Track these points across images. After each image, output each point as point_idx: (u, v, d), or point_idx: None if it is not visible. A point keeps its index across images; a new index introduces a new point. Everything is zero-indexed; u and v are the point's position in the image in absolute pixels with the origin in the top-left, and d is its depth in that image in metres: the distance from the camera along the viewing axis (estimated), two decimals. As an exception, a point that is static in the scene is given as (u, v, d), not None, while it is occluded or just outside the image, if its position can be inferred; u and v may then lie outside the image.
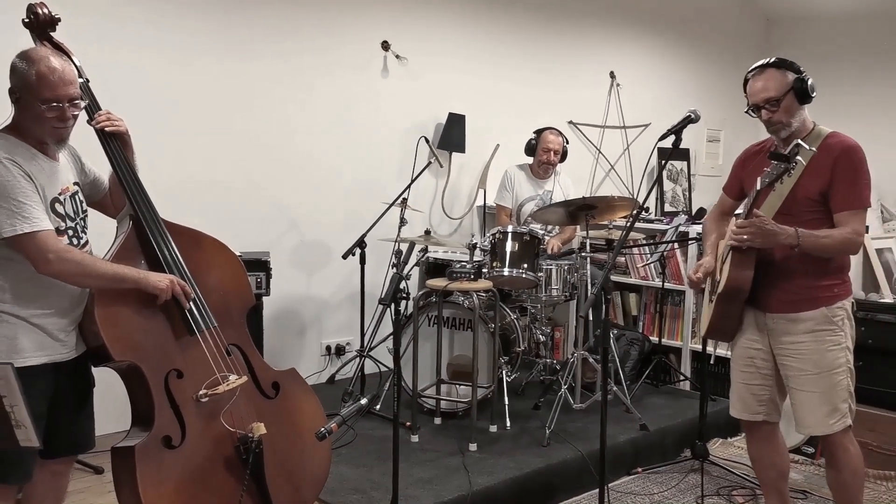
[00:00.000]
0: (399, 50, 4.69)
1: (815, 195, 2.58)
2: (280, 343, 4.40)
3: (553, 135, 4.67)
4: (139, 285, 2.29)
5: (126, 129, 2.44)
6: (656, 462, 3.75)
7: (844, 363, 2.64)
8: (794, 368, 2.67)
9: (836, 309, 2.63)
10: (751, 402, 2.80)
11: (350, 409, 2.29)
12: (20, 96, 2.17)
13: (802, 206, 2.60)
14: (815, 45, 6.80)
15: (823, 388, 2.62)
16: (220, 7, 4.03)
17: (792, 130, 2.63)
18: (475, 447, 3.49)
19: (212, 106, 4.05)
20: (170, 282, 2.33)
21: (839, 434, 2.65)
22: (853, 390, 2.69)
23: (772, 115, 2.62)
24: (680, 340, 4.77)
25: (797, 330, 2.64)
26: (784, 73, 2.62)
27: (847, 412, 2.66)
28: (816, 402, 2.64)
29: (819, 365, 2.62)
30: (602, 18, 5.84)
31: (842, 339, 2.64)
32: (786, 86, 2.60)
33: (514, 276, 3.90)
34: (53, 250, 2.15)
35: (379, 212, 4.18)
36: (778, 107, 2.60)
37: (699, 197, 6.59)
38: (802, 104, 2.62)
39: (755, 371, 2.78)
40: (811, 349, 2.62)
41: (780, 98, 2.59)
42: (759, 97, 2.63)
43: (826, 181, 2.56)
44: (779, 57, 2.68)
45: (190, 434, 2.32)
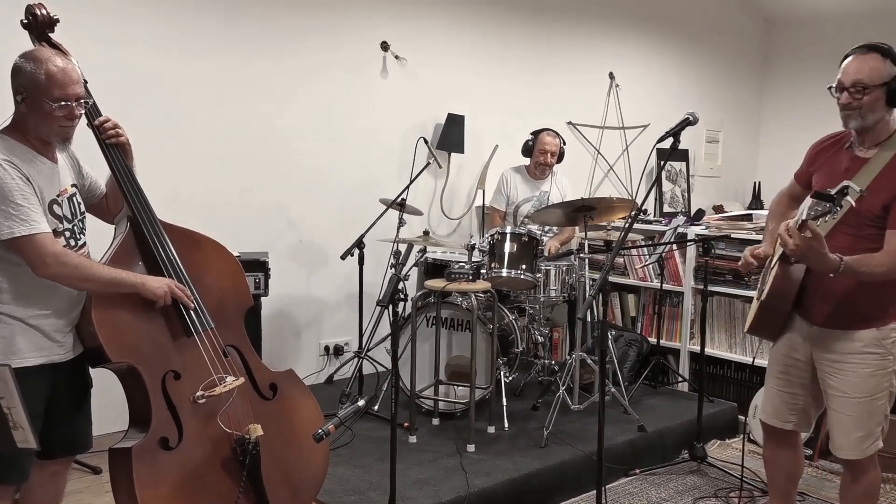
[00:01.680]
0: (398, 50, 4.69)
1: (878, 210, 2.38)
2: (278, 343, 4.40)
3: (550, 136, 4.68)
4: (136, 290, 2.29)
5: (126, 138, 2.45)
6: (654, 463, 3.75)
7: (887, 387, 2.50)
8: (834, 388, 2.54)
9: (889, 331, 2.47)
10: (782, 410, 2.71)
11: (347, 410, 2.29)
12: (27, 96, 2.18)
13: (865, 220, 2.41)
14: (814, 45, 6.81)
15: (861, 412, 2.50)
16: (218, 9, 4.03)
17: (866, 125, 2.41)
18: (473, 448, 3.50)
19: (210, 106, 4.05)
20: (167, 287, 2.33)
21: (867, 458, 2.55)
22: (888, 412, 2.55)
23: (850, 101, 2.39)
24: (678, 342, 4.77)
25: (843, 349, 2.50)
26: (886, 64, 2.37)
27: (879, 435, 2.54)
28: (851, 426, 2.51)
29: (860, 389, 2.48)
30: (601, 19, 5.84)
31: (890, 363, 2.48)
32: (882, 77, 2.36)
33: (512, 276, 3.90)
34: (51, 253, 2.15)
35: (377, 212, 4.18)
36: (863, 95, 2.36)
37: (698, 198, 6.59)
38: (891, 106, 2.40)
39: (788, 380, 2.68)
40: (855, 372, 2.48)
41: (869, 87, 2.35)
42: (849, 77, 2.39)
43: (891, 195, 2.36)
44: (889, 45, 2.41)
45: (187, 436, 2.32)
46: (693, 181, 6.58)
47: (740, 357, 4.48)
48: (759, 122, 7.26)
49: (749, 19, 7.02)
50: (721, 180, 6.94)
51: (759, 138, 7.29)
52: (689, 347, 4.70)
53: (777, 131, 7.09)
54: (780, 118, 7.05)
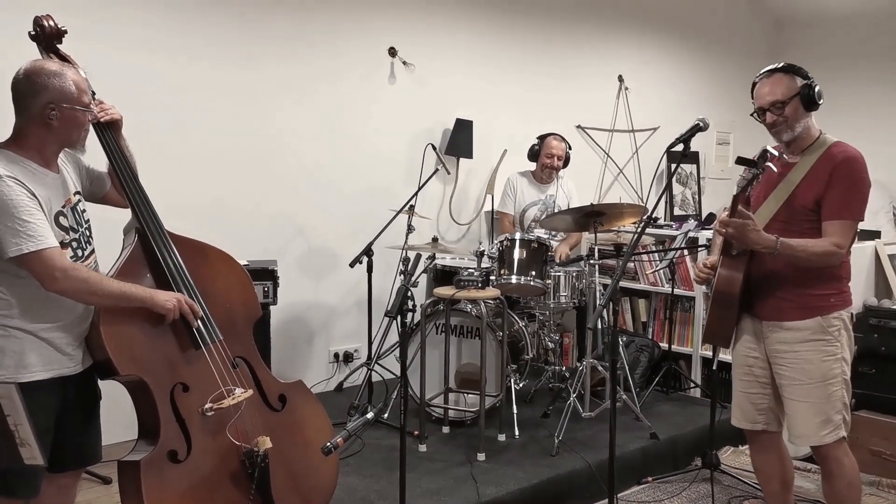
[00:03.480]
0: (406, 56, 4.68)
1: (811, 204, 2.57)
2: (288, 351, 4.39)
3: (556, 140, 4.67)
4: (146, 304, 2.29)
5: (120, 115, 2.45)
6: (666, 471, 3.72)
7: (839, 374, 2.61)
8: (787, 377, 2.65)
9: (832, 319, 2.61)
10: (750, 411, 2.79)
11: (356, 423, 2.28)
12: (61, 109, 2.19)
13: (799, 215, 2.60)
14: (824, 46, 6.75)
15: (816, 398, 2.60)
16: (226, 16, 4.03)
17: (795, 135, 2.63)
18: (483, 457, 3.47)
19: (217, 114, 4.05)
20: (177, 301, 2.33)
21: (832, 445, 2.62)
22: (849, 402, 2.66)
23: (776, 119, 2.61)
24: (690, 347, 4.73)
25: (791, 339, 2.63)
26: (792, 78, 2.62)
27: (841, 423, 2.63)
28: (809, 413, 2.62)
29: (812, 375, 2.60)
30: (610, 22, 5.81)
31: (837, 349, 2.61)
32: (793, 90, 2.60)
33: (522, 283, 3.88)
34: (60, 268, 2.14)
35: (386, 218, 4.17)
36: (783, 110, 2.60)
37: (709, 200, 6.55)
38: (809, 111, 2.62)
39: (753, 379, 2.77)
40: (804, 359, 2.60)
41: (786, 102, 2.59)
42: (765, 100, 2.63)
43: (822, 189, 2.55)
44: (787, 62, 2.69)
45: (195, 448, 2.31)
46: (704, 183, 6.54)
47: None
48: (770, 124, 7.19)
49: (758, 20, 6.98)
50: (732, 182, 6.83)
51: (769, 140, 7.20)
52: (700, 353, 4.67)
53: (788, 133, 7.02)
54: (792, 119, 6.98)
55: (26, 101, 2.19)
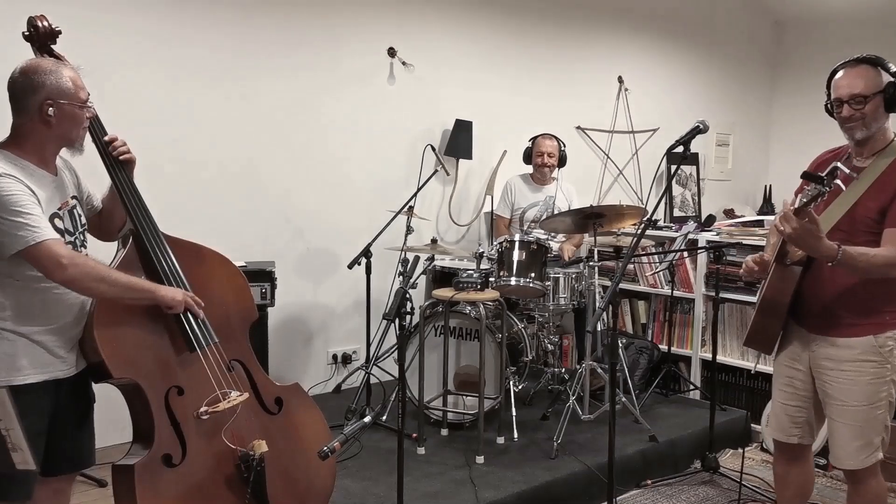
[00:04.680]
0: (406, 56, 4.66)
1: (874, 214, 2.38)
2: (286, 352, 4.36)
3: (546, 139, 4.68)
4: (152, 296, 2.26)
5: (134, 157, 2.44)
6: (666, 474, 3.70)
7: (885, 397, 2.47)
8: (831, 397, 2.52)
9: (886, 339, 2.44)
10: (786, 424, 2.68)
11: (353, 426, 2.26)
12: (59, 106, 2.17)
13: (860, 226, 2.42)
14: (824, 47, 6.72)
15: (859, 421, 2.47)
16: (225, 14, 4.00)
17: (868, 134, 2.43)
18: (482, 459, 3.45)
19: (215, 116, 4.02)
20: (183, 294, 2.31)
21: (867, 468, 2.51)
22: (889, 423, 2.52)
23: (853, 113, 2.40)
24: (689, 349, 4.71)
25: (838, 356, 2.48)
26: (879, 73, 2.40)
27: (879, 446, 2.50)
28: (849, 435, 2.49)
29: (857, 397, 2.46)
30: (610, 23, 5.79)
31: (887, 371, 2.45)
32: (878, 86, 2.39)
33: (521, 285, 3.86)
34: (66, 255, 2.12)
35: (385, 220, 4.15)
36: (863, 106, 2.38)
37: (708, 202, 6.53)
38: (889, 111, 2.42)
39: (793, 392, 2.64)
40: (851, 379, 2.46)
41: (868, 97, 2.38)
42: (845, 91, 2.41)
43: (888, 199, 2.36)
44: (876, 55, 2.44)
45: (190, 452, 2.29)
46: (703, 185, 6.52)
47: (751, 364, 4.41)
48: (770, 125, 7.19)
49: (758, 22, 6.96)
50: (732, 184, 6.88)
51: (769, 141, 7.22)
52: (700, 355, 4.64)
53: (788, 134, 7.02)
54: (791, 121, 6.98)
55: (23, 100, 2.18)
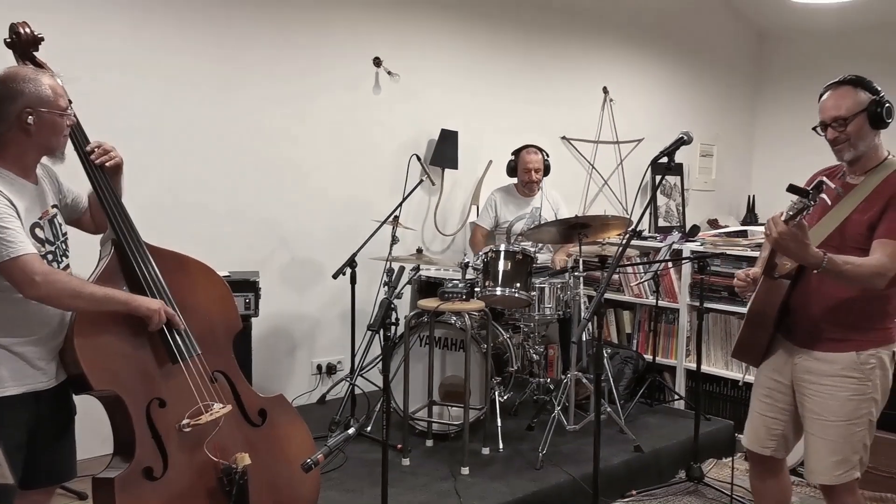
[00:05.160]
0: (391, 66, 4.66)
1: (864, 230, 2.40)
2: (269, 363, 4.33)
3: (531, 154, 4.64)
4: (129, 308, 2.24)
5: (121, 159, 2.41)
6: (651, 484, 3.70)
7: (865, 415, 2.46)
8: (809, 410, 2.52)
9: (868, 356, 2.45)
10: (762, 435, 2.68)
11: (337, 439, 2.24)
12: (38, 114, 2.15)
13: (850, 241, 2.43)
14: (805, 59, 6.81)
15: (836, 437, 2.46)
16: (212, 24, 3.99)
17: (857, 155, 2.44)
18: (467, 470, 3.44)
19: (200, 124, 4.00)
20: (160, 305, 2.28)
21: (842, 486, 2.50)
22: (869, 443, 2.50)
23: (837, 136, 2.44)
24: (674, 359, 4.73)
25: (820, 370, 2.49)
26: (858, 93, 2.43)
27: (857, 464, 2.49)
28: (825, 451, 2.49)
29: (836, 413, 2.46)
30: (595, 34, 5.82)
31: (868, 389, 2.45)
32: (858, 106, 2.41)
33: (506, 295, 3.85)
34: (39, 272, 2.10)
35: (370, 229, 4.13)
36: (845, 127, 2.41)
37: (692, 212, 6.57)
38: (875, 129, 2.43)
39: (772, 403, 2.65)
40: (830, 394, 2.46)
41: (848, 119, 2.41)
42: (828, 114, 2.45)
43: (877, 215, 2.38)
44: (858, 75, 2.47)
45: (172, 465, 2.26)
46: (688, 195, 6.56)
47: (736, 374, 4.43)
48: (753, 136, 7.25)
49: (742, 34, 7.02)
50: (715, 194, 6.92)
51: (752, 152, 7.27)
52: (685, 365, 4.66)
53: (770, 145, 7.08)
54: (774, 132, 7.04)
55: (2, 108, 2.15)
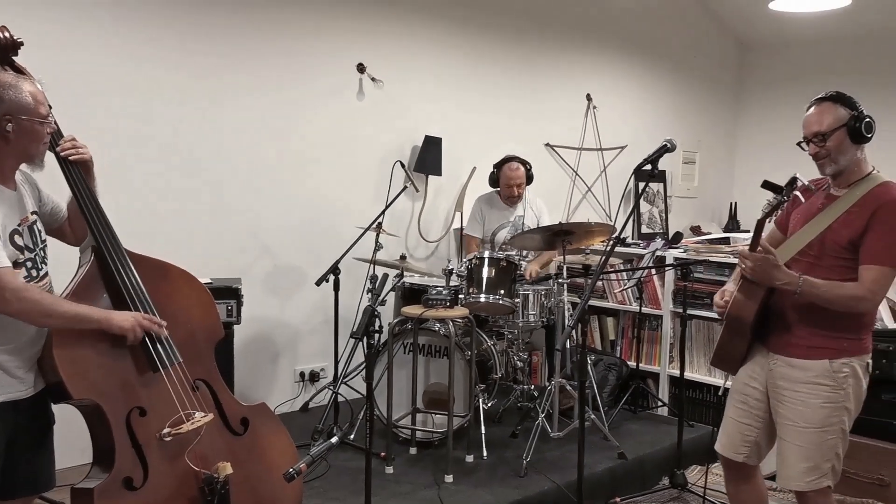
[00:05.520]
0: (375, 73, 4.65)
1: (844, 242, 2.45)
2: (252, 370, 4.30)
3: (511, 170, 4.60)
4: (102, 326, 2.21)
5: (90, 156, 2.37)
6: (635, 491, 3.70)
7: (837, 423, 2.50)
8: (783, 416, 2.56)
9: (841, 365, 2.48)
10: (736, 441, 2.70)
11: (320, 448, 2.22)
12: (17, 121, 2.13)
13: (829, 251, 2.48)
14: (787, 69, 6.89)
15: (808, 443, 2.50)
16: (194, 31, 3.96)
17: (839, 169, 2.49)
18: (451, 478, 3.42)
19: (182, 132, 3.97)
20: (134, 320, 2.25)
21: (814, 493, 2.53)
22: (842, 452, 2.55)
23: (818, 151, 2.49)
24: (658, 365, 4.74)
25: (794, 377, 2.53)
26: (838, 108, 2.48)
27: (829, 472, 2.52)
28: (797, 456, 2.52)
29: (808, 419, 2.50)
30: (579, 41, 5.85)
31: (840, 398, 2.49)
32: (837, 121, 2.46)
33: (490, 302, 3.85)
34: (11, 289, 2.06)
35: (354, 236, 4.12)
36: (825, 142, 2.46)
37: (675, 219, 6.61)
38: (856, 143, 2.48)
39: (747, 410, 2.68)
40: (803, 401, 2.50)
41: (828, 133, 2.46)
42: (809, 130, 2.51)
43: (859, 230, 2.43)
44: (839, 91, 2.52)
45: (152, 475, 2.23)
46: (670, 202, 6.60)
47: (719, 381, 4.45)
48: (735, 144, 7.31)
49: (724, 44, 7.09)
50: (698, 201, 6.97)
51: (734, 160, 7.33)
52: (668, 371, 4.68)
53: (752, 153, 7.14)
54: (755, 140, 7.11)
55: None
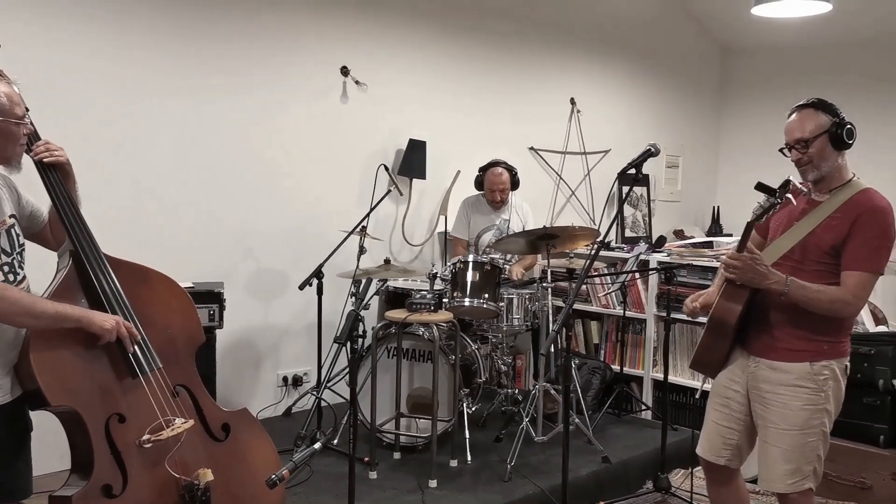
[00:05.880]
0: (358, 76, 4.63)
1: (827, 247, 2.48)
2: (234, 375, 4.26)
3: (496, 174, 4.60)
4: (82, 325, 2.18)
5: (66, 158, 2.34)
6: (619, 495, 3.70)
7: (818, 426, 2.53)
8: (764, 418, 2.58)
9: (821, 367, 2.51)
10: (717, 444, 2.72)
11: (303, 454, 2.20)
12: None
13: (811, 255, 2.51)
14: (768, 74, 6.93)
15: (789, 445, 2.53)
16: (175, 34, 3.92)
17: (821, 175, 2.52)
18: (435, 483, 3.41)
19: (164, 133, 3.93)
20: (115, 322, 2.22)
21: (796, 495, 2.55)
22: (823, 454, 2.57)
23: (800, 157, 2.51)
24: (641, 369, 4.75)
25: (775, 379, 2.55)
26: (819, 115, 2.50)
27: (810, 474, 2.55)
28: (779, 459, 2.54)
29: (790, 421, 2.52)
30: (562, 46, 5.86)
31: (821, 400, 2.52)
32: (819, 128, 2.49)
33: (475, 306, 3.84)
34: None
35: (338, 240, 4.09)
36: (807, 149, 2.49)
37: (659, 223, 6.63)
38: (838, 150, 2.50)
39: (728, 413, 2.69)
40: (784, 403, 2.53)
41: (810, 140, 2.48)
42: (791, 137, 2.53)
43: (841, 236, 2.46)
44: (821, 98, 2.55)
45: (132, 482, 2.20)
46: (654, 206, 6.62)
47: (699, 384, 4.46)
48: (718, 148, 7.36)
49: (707, 49, 7.13)
50: (681, 205, 6.99)
51: (717, 164, 7.37)
52: (651, 375, 4.68)
53: (735, 157, 7.19)
54: (738, 144, 7.15)
55: None
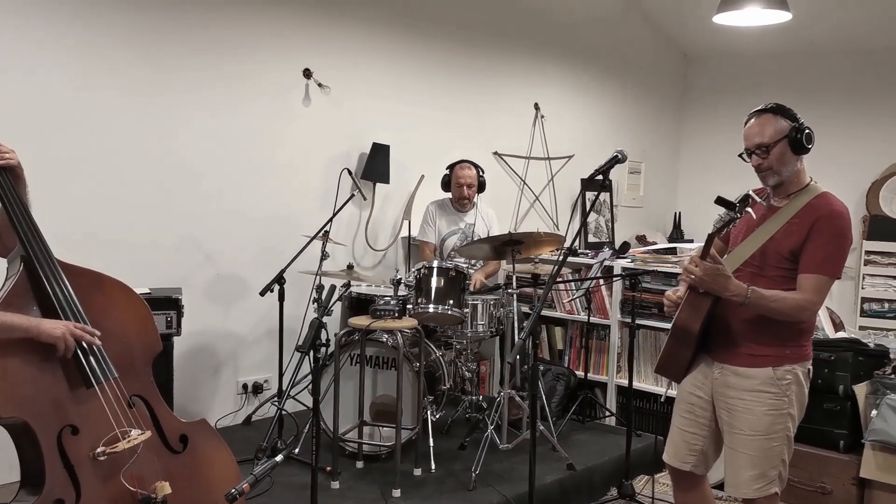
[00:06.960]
0: (321, 78, 4.57)
1: (786, 252, 2.50)
2: (193, 382, 4.15)
3: (464, 169, 4.61)
4: (30, 334, 2.09)
5: (18, 161, 2.25)
6: (583, 502, 3.70)
7: (782, 430, 2.55)
8: (728, 424, 2.60)
9: (784, 372, 2.53)
10: (682, 450, 2.73)
11: (264, 466, 2.13)
12: None
13: (771, 261, 2.54)
14: (729, 80, 7.04)
15: (754, 450, 2.54)
16: (130, 30, 3.82)
17: (781, 179, 2.54)
18: (399, 493, 3.35)
19: (121, 133, 3.82)
20: (65, 328, 2.14)
21: (762, 500, 2.56)
22: (788, 458, 2.59)
23: (761, 162, 2.53)
24: (605, 375, 4.76)
25: (739, 385, 2.56)
26: (778, 120, 2.52)
27: (776, 479, 2.56)
28: (744, 464, 2.56)
29: (754, 426, 2.53)
30: (526, 51, 5.86)
31: (784, 404, 2.53)
32: (779, 133, 2.50)
33: (439, 312, 3.80)
34: None
35: (300, 245, 4.02)
36: (768, 153, 2.50)
37: (621, 228, 6.67)
38: (797, 154, 2.52)
39: (693, 419, 2.71)
40: (748, 409, 2.54)
41: (771, 145, 2.50)
42: (752, 142, 2.54)
43: (800, 240, 2.48)
44: (779, 103, 2.57)
45: (85, 497, 2.12)
46: (617, 211, 6.66)
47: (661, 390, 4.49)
48: (678, 154, 7.44)
49: (667, 55, 7.21)
50: (643, 210, 7.06)
51: (678, 169, 7.46)
52: (615, 381, 4.69)
53: (695, 163, 7.28)
54: (698, 150, 7.25)
55: None
